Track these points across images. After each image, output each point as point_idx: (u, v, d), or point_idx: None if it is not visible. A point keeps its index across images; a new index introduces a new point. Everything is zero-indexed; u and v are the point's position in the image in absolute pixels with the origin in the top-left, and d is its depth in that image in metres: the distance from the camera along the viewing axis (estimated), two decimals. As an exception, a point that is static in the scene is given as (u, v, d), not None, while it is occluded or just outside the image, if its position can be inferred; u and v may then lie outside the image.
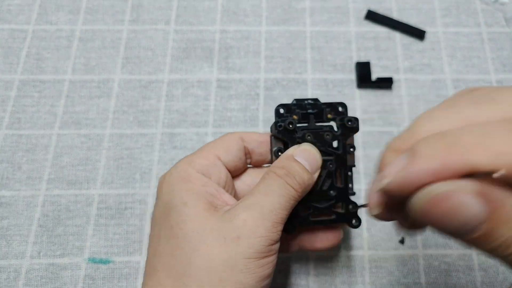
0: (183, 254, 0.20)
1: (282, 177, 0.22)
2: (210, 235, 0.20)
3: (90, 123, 0.35)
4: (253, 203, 0.21)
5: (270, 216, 0.21)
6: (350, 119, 0.25)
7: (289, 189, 0.22)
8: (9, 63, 0.37)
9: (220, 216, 0.21)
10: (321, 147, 0.25)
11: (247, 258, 0.20)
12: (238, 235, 0.20)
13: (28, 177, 0.33)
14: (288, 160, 0.23)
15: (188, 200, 0.22)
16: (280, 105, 0.25)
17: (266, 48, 0.38)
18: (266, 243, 0.20)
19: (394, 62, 0.38)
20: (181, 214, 0.21)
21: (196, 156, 0.24)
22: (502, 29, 0.40)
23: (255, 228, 0.20)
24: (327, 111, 0.26)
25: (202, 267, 0.20)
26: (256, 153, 0.26)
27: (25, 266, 0.30)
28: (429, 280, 0.31)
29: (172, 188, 0.23)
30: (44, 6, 0.39)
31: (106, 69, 0.37)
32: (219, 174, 0.24)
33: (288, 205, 0.22)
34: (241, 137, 0.25)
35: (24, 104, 0.35)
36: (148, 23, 0.39)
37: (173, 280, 0.20)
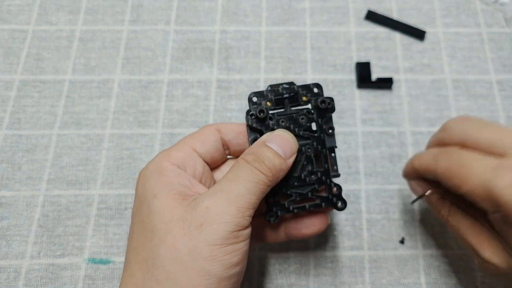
0: (152, 246, 0.20)
1: (251, 163, 0.22)
2: (176, 225, 0.20)
3: (90, 123, 0.35)
4: (218, 190, 0.21)
5: (235, 201, 0.20)
6: (324, 100, 0.24)
7: (257, 173, 0.21)
8: (9, 63, 0.37)
9: (186, 205, 0.21)
10: (297, 132, 0.24)
11: (212, 245, 0.20)
12: (202, 222, 0.20)
13: (28, 177, 0.33)
14: (259, 146, 0.23)
15: (158, 192, 0.22)
16: (253, 93, 0.25)
17: (266, 48, 0.38)
18: (231, 228, 0.20)
19: (394, 62, 0.38)
20: (151, 206, 0.21)
21: (172, 149, 0.24)
22: (502, 30, 0.40)
23: (219, 214, 0.20)
24: (302, 94, 0.25)
25: (169, 257, 0.20)
26: (234, 143, 0.25)
27: (25, 266, 0.30)
28: (429, 281, 0.31)
29: (145, 181, 0.23)
30: (44, 6, 0.39)
31: (106, 70, 0.37)
32: (194, 166, 0.24)
33: (257, 191, 0.21)
34: (217, 128, 0.25)
35: (24, 104, 0.35)
36: (148, 23, 0.39)
37: (144, 272, 0.20)
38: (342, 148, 0.35)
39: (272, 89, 0.25)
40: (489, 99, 0.37)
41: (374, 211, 0.33)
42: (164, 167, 0.23)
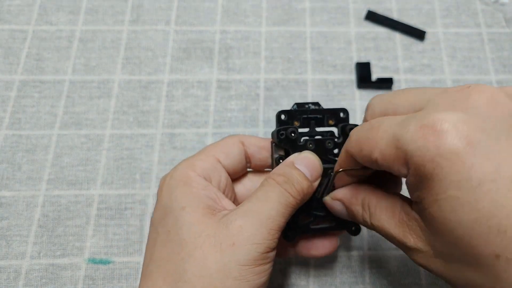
0: (179, 260, 0.20)
1: (281, 185, 0.22)
2: (206, 241, 0.20)
3: (90, 123, 0.35)
4: (250, 210, 0.21)
5: (267, 223, 0.20)
6: (352, 127, 0.25)
7: (287, 196, 0.21)
8: (9, 64, 0.37)
9: (217, 221, 0.21)
10: (322, 155, 0.25)
11: (242, 265, 0.20)
12: (234, 242, 0.20)
13: (28, 177, 0.33)
14: (288, 167, 0.23)
15: (187, 204, 0.21)
16: (281, 112, 0.25)
17: (266, 49, 0.38)
18: (262, 250, 0.20)
19: (394, 63, 0.38)
20: (179, 219, 0.21)
21: (197, 159, 0.24)
22: (502, 30, 0.40)
23: (251, 235, 0.20)
24: (328, 117, 0.26)
25: (197, 273, 0.20)
26: (256, 158, 0.25)
27: (25, 267, 0.30)
28: (429, 281, 0.31)
29: (171, 191, 0.22)
30: (44, 6, 0.39)
31: (106, 70, 0.37)
32: (219, 178, 0.24)
33: (286, 213, 0.21)
34: (241, 140, 0.25)
35: (24, 105, 0.35)
36: (148, 23, 0.39)
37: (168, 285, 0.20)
38: (342, 148, 0.35)
39: (300, 109, 0.25)
40: (489, 99, 0.37)
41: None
42: (191, 178, 0.22)
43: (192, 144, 0.34)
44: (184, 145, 0.34)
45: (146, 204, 0.32)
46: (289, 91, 0.37)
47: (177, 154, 0.34)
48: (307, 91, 0.37)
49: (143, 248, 0.31)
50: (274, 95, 0.37)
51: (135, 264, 0.31)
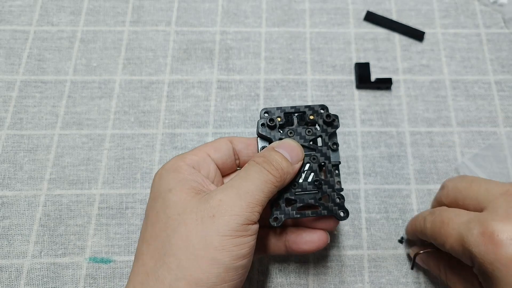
0: (165, 236, 0.21)
1: (260, 164, 0.23)
2: (189, 216, 0.21)
3: (91, 123, 0.35)
4: (230, 186, 0.22)
5: (245, 197, 0.22)
6: (329, 114, 0.26)
7: (266, 173, 0.23)
8: (11, 64, 0.37)
9: (200, 198, 0.22)
10: (304, 142, 0.26)
11: (222, 235, 0.21)
12: (214, 214, 0.21)
13: (30, 177, 0.33)
14: (268, 151, 0.24)
15: (173, 186, 0.23)
16: (264, 109, 0.27)
17: (266, 49, 0.39)
18: (241, 221, 0.21)
19: (393, 63, 0.38)
20: (165, 200, 0.23)
21: (187, 153, 0.25)
22: (501, 30, 0.40)
23: (230, 207, 0.21)
24: (308, 113, 0.27)
25: (181, 245, 0.21)
26: (244, 153, 0.27)
27: (27, 266, 0.30)
28: (428, 280, 0.31)
29: (161, 178, 0.24)
30: (45, 7, 0.40)
31: (107, 70, 0.37)
32: (208, 168, 0.25)
33: (265, 189, 0.22)
34: (230, 140, 0.27)
35: (26, 105, 0.36)
36: (149, 24, 0.39)
37: (155, 260, 0.21)
38: (342, 148, 0.35)
39: (282, 108, 0.27)
40: (488, 100, 0.37)
41: (373, 211, 0.33)
42: (180, 166, 0.24)
43: (193, 144, 0.35)
44: (185, 145, 0.35)
45: (146, 204, 0.33)
46: (288, 91, 0.37)
47: (178, 153, 0.34)
48: (306, 91, 0.37)
49: (144, 247, 0.31)
50: (274, 95, 0.37)
51: (136, 263, 0.31)
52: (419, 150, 0.35)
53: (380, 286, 0.31)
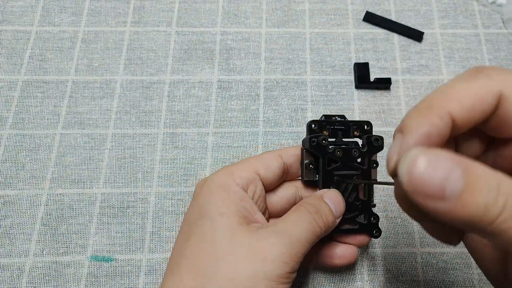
0: (211, 259, 0.21)
1: (312, 214, 0.23)
2: (239, 248, 0.21)
3: (93, 123, 0.35)
4: (283, 230, 0.22)
5: (296, 246, 0.22)
6: (377, 138, 0.27)
7: (315, 226, 0.23)
8: (13, 64, 0.37)
9: (251, 233, 0.22)
10: (348, 162, 0.27)
11: (269, 279, 0.21)
12: (265, 256, 0.21)
13: (32, 176, 0.33)
14: (318, 200, 0.25)
15: (225, 211, 0.23)
16: (312, 121, 0.27)
17: (266, 50, 0.39)
18: (288, 269, 0.21)
19: (392, 63, 0.39)
20: (215, 222, 0.22)
21: (236, 168, 0.25)
22: (500, 30, 0.40)
23: (282, 253, 0.21)
24: (354, 129, 0.28)
25: (227, 275, 0.21)
26: (294, 167, 0.27)
27: (29, 264, 0.31)
28: (426, 278, 0.31)
29: (210, 194, 0.24)
30: (47, 7, 0.40)
31: (108, 70, 0.37)
32: (255, 189, 0.25)
33: (311, 240, 0.23)
34: (279, 154, 0.27)
35: (28, 105, 0.36)
36: (150, 24, 0.39)
37: (196, 281, 0.21)
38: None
39: (328, 120, 0.27)
40: (486, 100, 0.37)
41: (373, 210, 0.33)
42: (230, 186, 0.24)
43: (193, 144, 0.35)
44: (186, 145, 0.35)
45: (148, 203, 0.33)
46: (288, 91, 0.37)
47: (179, 153, 0.35)
48: (306, 91, 0.37)
49: (145, 246, 0.31)
50: (274, 95, 0.37)
51: (137, 261, 0.31)
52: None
53: (379, 285, 0.31)
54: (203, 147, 0.35)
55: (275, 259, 0.21)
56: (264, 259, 0.21)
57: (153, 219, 0.32)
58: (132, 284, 0.30)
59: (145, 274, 0.31)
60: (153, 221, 0.32)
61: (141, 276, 0.31)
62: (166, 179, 0.34)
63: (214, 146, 0.35)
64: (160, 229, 0.32)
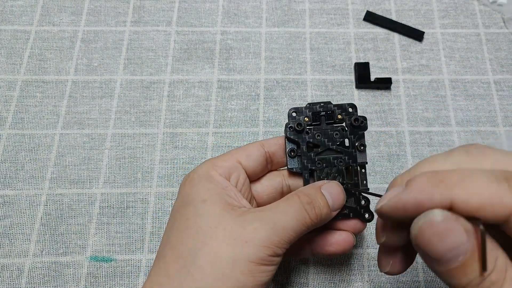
0: (193, 245, 0.22)
1: (303, 204, 0.23)
2: (221, 233, 0.22)
3: (92, 123, 0.35)
4: (268, 217, 0.22)
5: (279, 233, 0.22)
6: (357, 118, 0.26)
7: (305, 216, 0.23)
8: (12, 64, 0.37)
9: (234, 217, 0.22)
10: (331, 145, 0.26)
11: (250, 261, 0.21)
12: (247, 240, 0.21)
13: (31, 176, 0.33)
14: (314, 190, 0.24)
15: (208, 198, 0.23)
16: (292, 108, 0.27)
17: (266, 49, 0.39)
18: (269, 253, 0.22)
19: (392, 63, 0.38)
20: (199, 209, 0.23)
21: (218, 159, 0.25)
22: (500, 30, 0.40)
23: (263, 238, 0.22)
24: (337, 112, 0.27)
25: (209, 260, 0.21)
26: (277, 155, 0.27)
27: (28, 264, 0.31)
28: (427, 279, 0.31)
29: (193, 185, 0.24)
30: (46, 7, 0.40)
31: (108, 70, 0.37)
32: (238, 177, 0.25)
33: (299, 230, 0.23)
34: (261, 143, 0.27)
35: (27, 104, 0.36)
36: (150, 24, 0.39)
37: (179, 266, 0.21)
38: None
39: (310, 107, 0.27)
40: (487, 99, 0.37)
41: (373, 210, 0.33)
42: (213, 176, 0.24)
43: (193, 144, 0.35)
44: (186, 145, 0.35)
45: (147, 203, 0.33)
46: (288, 91, 0.37)
47: (179, 153, 0.34)
48: (306, 91, 0.37)
49: (145, 246, 0.31)
50: (274, 95, 0.37)
51: (136, 261, 0.31)
52: (419, 150, 0.35)
53: (379, 285, 0.31)
54: (203, 147, 0.35)
55: (256, 243, 0.21)
56: (245, 243, 0.21)
57: (152, 219, 0.32)
58: (131, 284, 0.30)
59: (144, 274, 0.30)
60: (152, 221, 0.32)
61: (140, 276, 0.30)
62: (165, 179, 0.34)
63: (214, 146, 0.35)
64: (160, 229, 0.32)
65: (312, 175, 0.26)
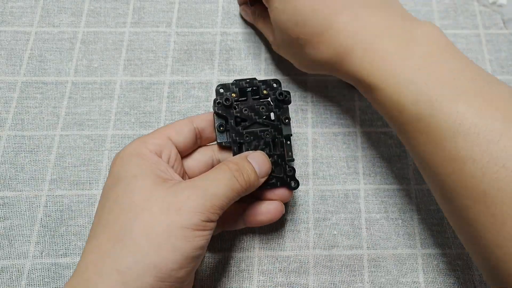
0: (126, 220, 0.22)
1: (232, 171, 0.25)
2: (154, 204, 0.22)
3: (92, 124, 0.35)
4: (199, 185, 0.23)
5: (211, 199, 0.23)
6: (282, 92, 0.28)
7: (234, 182, 0.24)
8: (12, 65, 0.37)
9: (166, 188, 0.23)
10: (258, 119, 0.28)
11: (184, 227, 0.22)
12: (180, 207, 0.22)
13: (31, 177, 0.33)
14: (241, 159, 0.26)
15: (138, 173, 0.23)
16: (220, 85, 0.28)
17: (266, 50, 0.39)
18: (203, 218, 0.22)
19: (393, 64, 0.38)
20: (129, 185, 0.23)
21: (149, 137, 0.26)
22: (500, 31, 0.40)
23: (196, 204, 0.22)
24: (262, 88, 0.28)
25: (143, 231, 0.22)
26: (207, 131, 0.28)
27: (28, 266, 0.31)
28: (427, 279, 0.31)
29: (123, 162, 0.24)
30: (46, 8, 0.40)
31: (108, 71, 0.37)
32: (169, 153, 0.26)
33: (230, 195, 0.24)
34: (190, 120, 0.28)
35: (27, 106, 0.36)
36: (149, 25, 0.39)
37: (113, 242, 0.21)
38: (342, 148, 0.35)
39: (237, 83, 0.28)
40: (487, 100, 0.37)
41: (373, 211, 0.33)
42: (143, 152, 0.25)
43: (193, 145, 0.35)
44: (185, 146, 0.35)
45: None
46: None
47: (178, 154, 0.34)
48: (306, 91, 0.37)
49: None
50: (274, 96, 0.37)
51: (136, 263, 0.31)
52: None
53: (379, 286, 0.31)
54: (203, 148, 0.35)
55: (190, 209, 0.22)
56: (179, 210, 0.22)
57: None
58: (131, 286, 0.30)
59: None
60: (152, 222, 0.32)
61: (140, 277, 0.30)
62: (165, 180, 0.33)
63: (214, 147, 0.35)
64: (160, 231, 0.32)
65: (241, 148, 0.28)
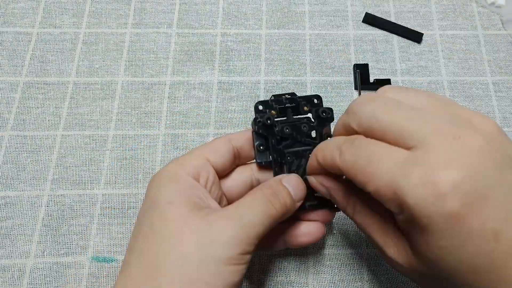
0: (159, 251, 0.21)
1: (267, 196, 0.23)
2: (188, 236, 0.21)
3: (93, 124, 0.36)
4: (234, 214, 0.22)
5: (247, 229, 0.21)
6: (324, 110, 0.26)
7: (271, 208, 0.23)
8: (14, 66, 0.38)
9: (201, 218, 0.22)
10: (300, 138, 0.26)
11: (219, 261, 0.20)
12: (214, 239, 0.21)
13: (33, 177, 0.33)
14: (275, 183, 0.24)
15: (174, 199, 0.22)
16: (259, 102, 0.27)
17: (266, 51, 0.39)
18: (238, 251, 0.21)
19: (391, 65, 0.39)
20: (164, 213, 0.22)
21: (186, 158, 0.25)
22: (499, 32, 0.40)
23: (231, 236, 0.21)
24: (303, 104, 0.27)
25: (176, 265, 0.20)
26: (245, 149, 0.27)
27: (29, 265, 0.31)
28: (427, 278, 0.31)
29: (159, 186, 0.23)
30: (48, 9, 0.40)
31: (109, 72, 0.38)
32: (207, 175, 0.24)
33: (266, 223, 0.22)
34: (228, 138, 0.26)
35: (29, 106, 0.36)
36: (150, 26, 0.40)
37: (146, 275, 0.20)
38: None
39: (276, 99, 0.27)
40: (485, 100, 0.37)
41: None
42: (180, 176, 0.23)
43: (194, 145, 0.35)
44: (186, 146, 0.35)
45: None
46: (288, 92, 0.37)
47: (180, 154, 0.35)
48: (306, 92, 0.37)
49: (146, 247, 0.32)
50: (274, 96, 0.37)
51: (138, 262, 0.31)
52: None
53: (379, 285, 0.31)
54: (203, 148, 0.35)
55: (224, 241, 0.21)
56: (213, 242, 0.21)
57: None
58: (133, 284, 0.30)
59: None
60: (153, 222, 0.32)
61: (142, 276, 0.31)
62: (166, 180, 0.34)
63: (214, 147, 0.35)
64: (161, 230, 0.32)
65: (282, 168, 0.26)
